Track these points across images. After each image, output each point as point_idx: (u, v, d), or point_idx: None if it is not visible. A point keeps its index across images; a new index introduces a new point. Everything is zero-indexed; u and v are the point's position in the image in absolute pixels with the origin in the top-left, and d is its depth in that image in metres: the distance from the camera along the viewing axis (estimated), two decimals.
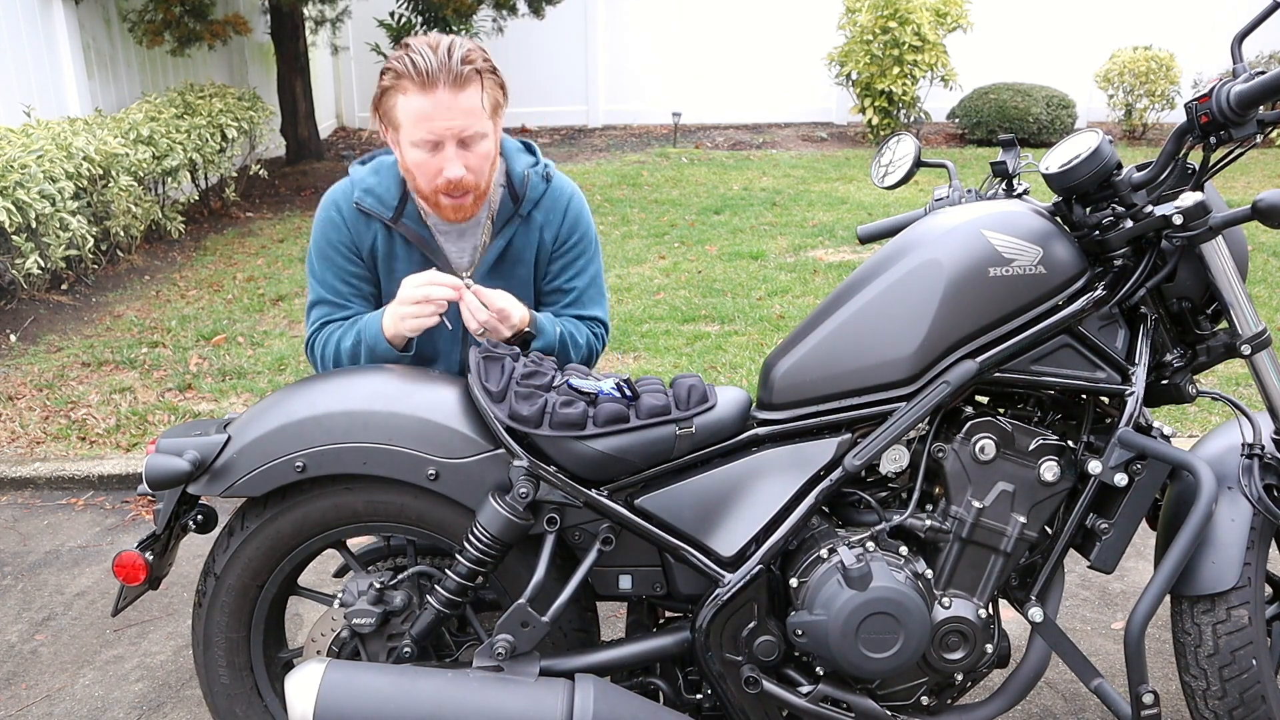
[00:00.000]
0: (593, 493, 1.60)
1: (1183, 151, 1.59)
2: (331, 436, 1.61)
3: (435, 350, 2.01)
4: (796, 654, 1.66)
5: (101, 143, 5.22)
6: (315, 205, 2.01)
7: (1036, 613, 1.65)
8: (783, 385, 1.65)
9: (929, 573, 1.63)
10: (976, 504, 1.62)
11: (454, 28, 7.54)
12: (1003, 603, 1.75)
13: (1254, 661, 1.65)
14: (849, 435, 1.64)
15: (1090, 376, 1.62)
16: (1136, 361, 1.61)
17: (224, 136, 6.58)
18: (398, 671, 1.55)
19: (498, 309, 1.79)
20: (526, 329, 1.87)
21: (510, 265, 1.99)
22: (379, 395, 1.64)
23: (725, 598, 1.61)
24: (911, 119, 9.40)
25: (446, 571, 1.66)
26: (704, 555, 1.62)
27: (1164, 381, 1.67)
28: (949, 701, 1.71)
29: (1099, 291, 1.60)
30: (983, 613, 1.64)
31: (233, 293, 5.38)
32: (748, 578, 1.61)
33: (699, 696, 1.72)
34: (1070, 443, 1.66)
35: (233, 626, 1.73)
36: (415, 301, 1.77)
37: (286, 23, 8.13)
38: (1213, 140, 1.52)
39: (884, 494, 1.71)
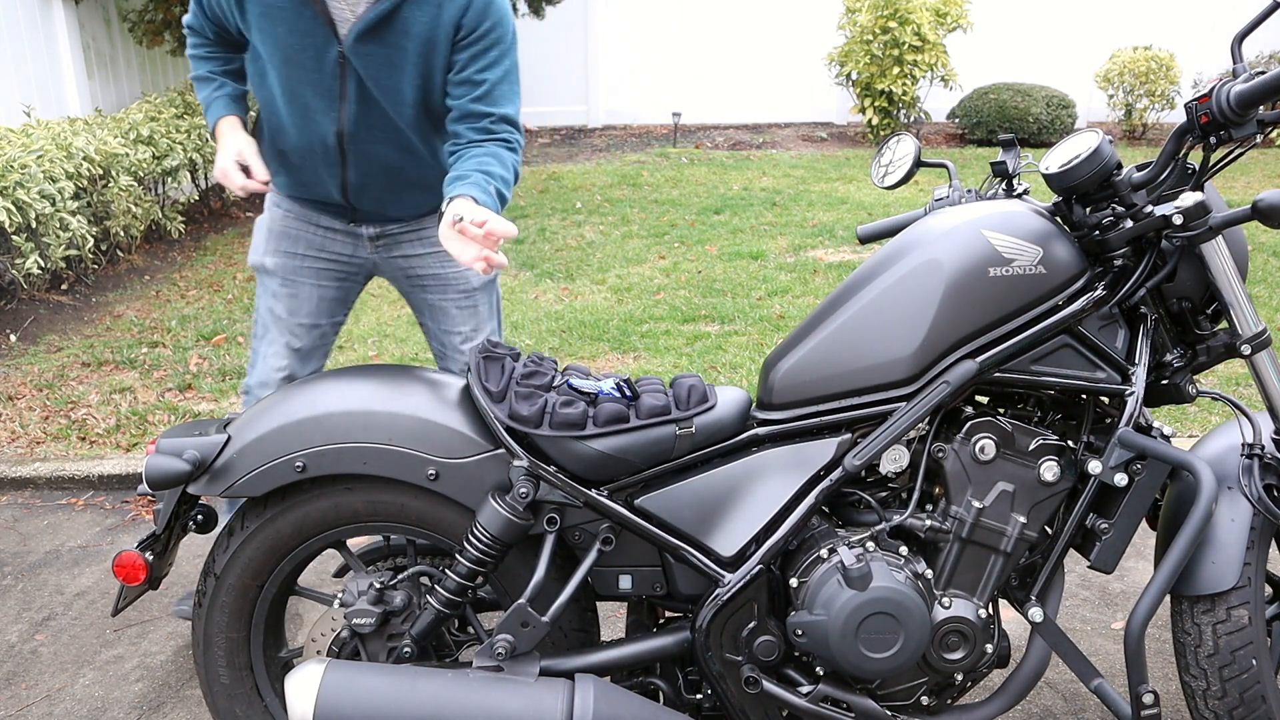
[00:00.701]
0: (593, 493, 1.60)
1: (1183, 151, 1.60)
2: (331, 436, 1.61)
3: (309, 143, 2.01)
4: (796, 654, 1.66)
5: (101, 143, 5.22)
6: None
7: (1036, 613, 1.65)
8: (783, 385, 1.65)
9: (929, 573, 1.63)
10: (976, 504, 1.62)
11: None
12: (1003, 603, 1.75)
13: (1254, 661, 1.66)
14: (849, 435, 1.64)
15: (1090, 376, 1.62)
16: (1136, 361, 1.61)
17: None
18: (398, 671, 1.54)
19: (503, 232, 1.68)
20: None
21: (394, 36, 1.85)
22: (379, 395, 1.64)
23: (725, 598, 1.61)
24: (911, 119, 9.40)
25: (446, 571, 1.66)
26: (704, 555, 1.62)
27: (1164, 381, 1.67)
28: (949, 701, 1.71)
29: (1099, 291, 1.60)
30: (983, 613, 1.64)
31: (233, 293, 5.37)
32: (748, 578, 1.61)
33: (699, 696, 1.72)
34: (1070, 443, 1.66)
35: (233, 626, 1.73)
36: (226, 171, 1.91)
37: None
38: (1213, 140, 1.52)
39: (884, 494, 1.71)
